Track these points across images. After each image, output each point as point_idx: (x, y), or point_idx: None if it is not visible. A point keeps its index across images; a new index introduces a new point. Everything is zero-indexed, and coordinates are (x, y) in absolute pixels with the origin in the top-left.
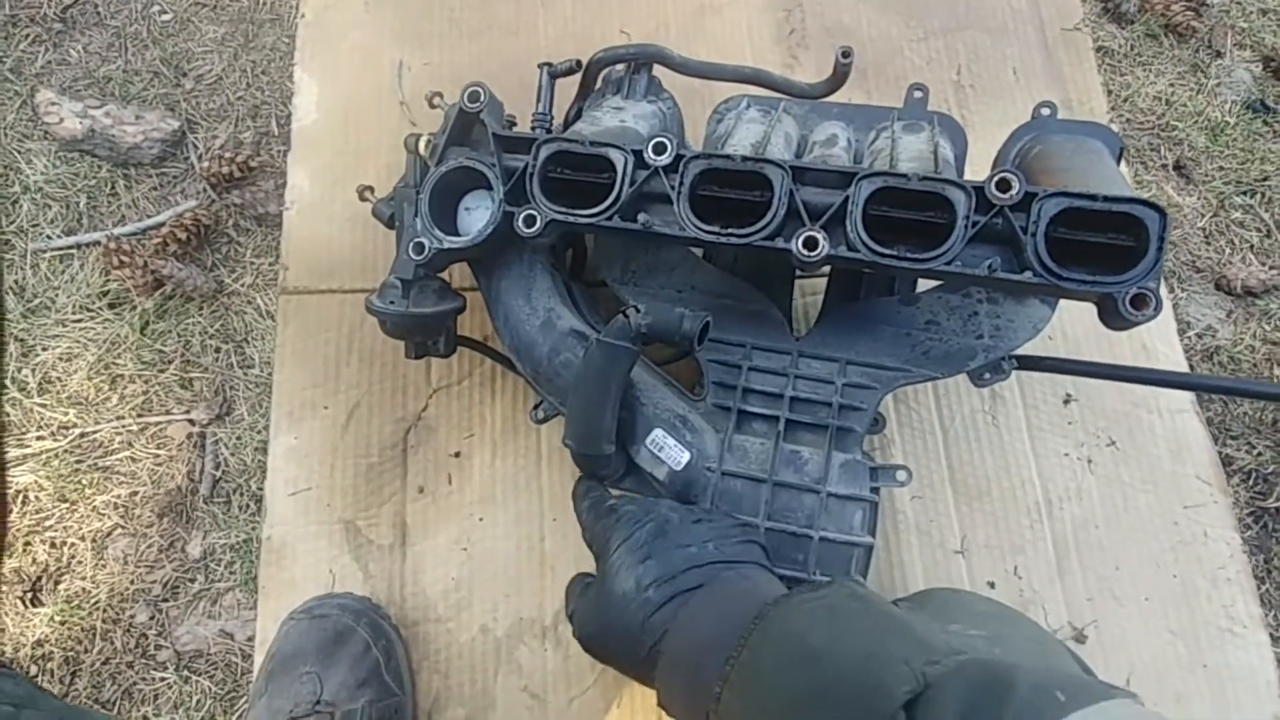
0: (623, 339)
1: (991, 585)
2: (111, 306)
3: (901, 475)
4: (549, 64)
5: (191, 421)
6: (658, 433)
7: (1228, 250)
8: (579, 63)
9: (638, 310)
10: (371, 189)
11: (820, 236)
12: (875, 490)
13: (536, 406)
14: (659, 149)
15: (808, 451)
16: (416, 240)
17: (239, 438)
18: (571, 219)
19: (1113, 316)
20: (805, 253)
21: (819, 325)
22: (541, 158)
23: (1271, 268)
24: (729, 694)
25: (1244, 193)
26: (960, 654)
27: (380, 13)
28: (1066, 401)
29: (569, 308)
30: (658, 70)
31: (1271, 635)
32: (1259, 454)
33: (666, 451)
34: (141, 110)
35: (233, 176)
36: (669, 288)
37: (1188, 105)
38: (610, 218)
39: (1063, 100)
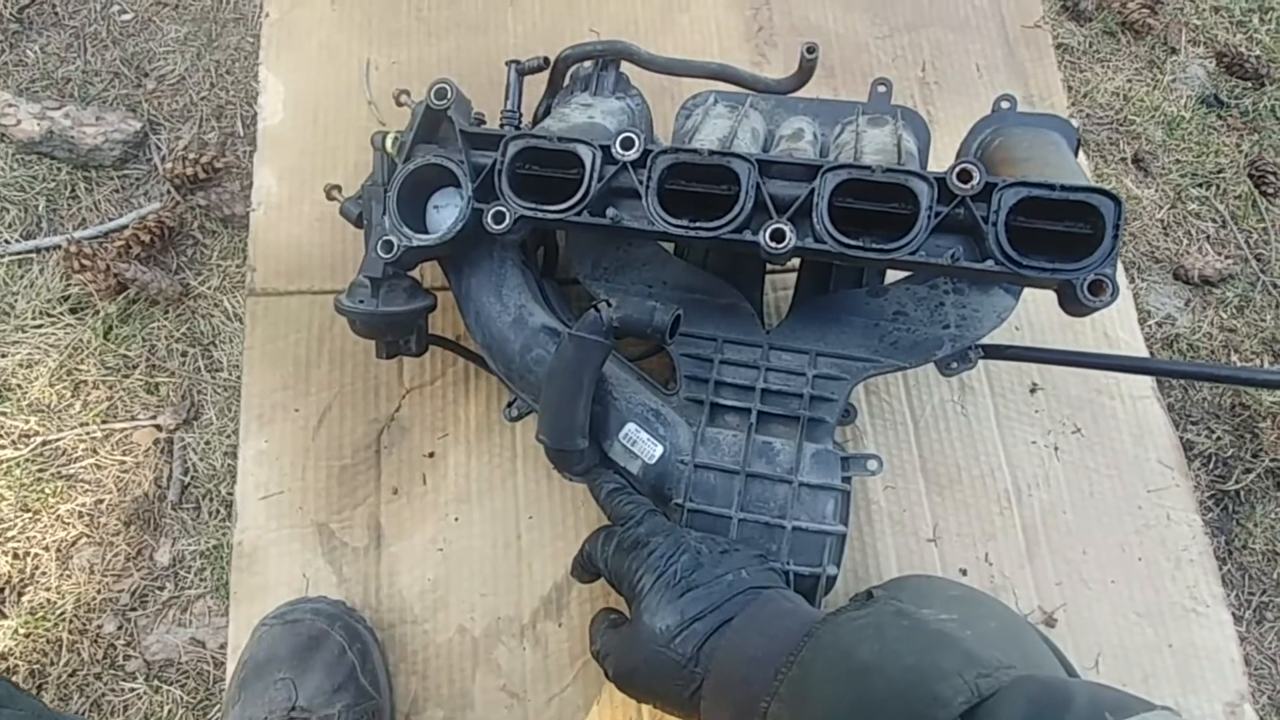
0: (595, 333)
1: (964, 572)
2: (73, 311)
3: (873, 464)
4: (517, 61)
5: (158, 427)
6: (630, 427)
7: (1185, 241)
8: (547, 60)
9: (609, 304)
10: (339, 188)
11: (787, 229)
12: (847, 479)
13: (509, 404)
14: (626, 144)
15: (779, 443)
16: (385, 238)
17: (207, 442)
18: (540, 215)
19: (1072, 303)
20: (773, 245)
21: (789, 318)
22: (510, 154)
23: (1227, 257)
24: (777, 708)
25: (1200, 185)
26: (1008, 668)
27: (347, 11)
28: (1033, 390)
29: (540, 305)
30: (626, 67)
31: (1234, 614)
32: (1218, 438)
33: (640, 445)
34: (102, 111)
35: (197, 178)
36: (640, 283)
37: (1145, 100)
38: (579, 213)
39: (1024, 96)
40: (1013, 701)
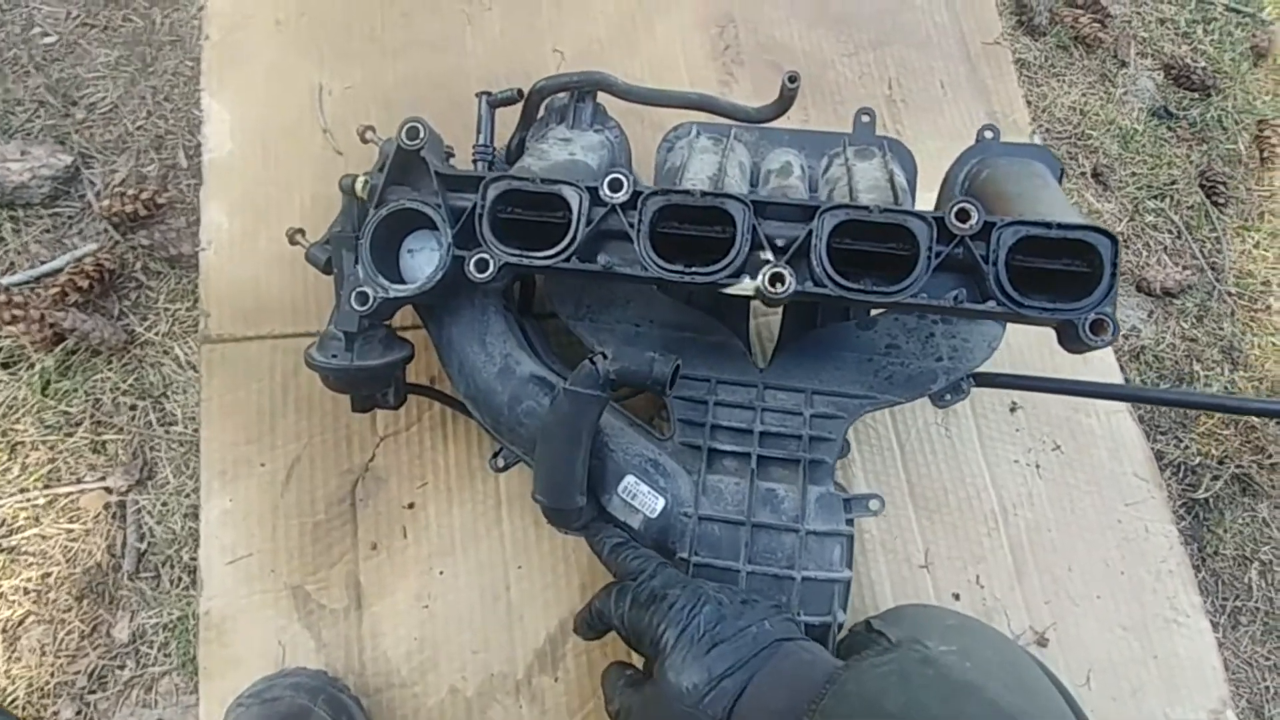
0: (591, 387)
1: (956, 597)
2: (5, 366)
3: (874, 504)
4: (488, 93)
5: (108, 489)
6: (630, 479)
7: (1144, 253)
8: (520, 92)
9: (605, 356)
10: (303, 232)
11: (786, 273)
12: (850, 522)
13: (495, 454)
14: (615, 186)
15: (782, 489)
16: (359, 289)
17: (164, 504)
18: (526, 262)
19: (1073, 341)
20: (772, 290)
21: (780, 354)
22: (490, 198)
23: (1185, 268)
24: None
25: (1155, 196)
26: (1031, 715)
27: (294, 32)
28: (1013, 409)
29: (526, 351)
30: (602, 94)
31: (1211, 621)
32: (1186, 447)
33: (640, 499)
34: (27, 145)
35: (138, 215)
36: (625, 322)
37: (1100, 114)
38: (568, 259)
39: (988, 113)
40: None
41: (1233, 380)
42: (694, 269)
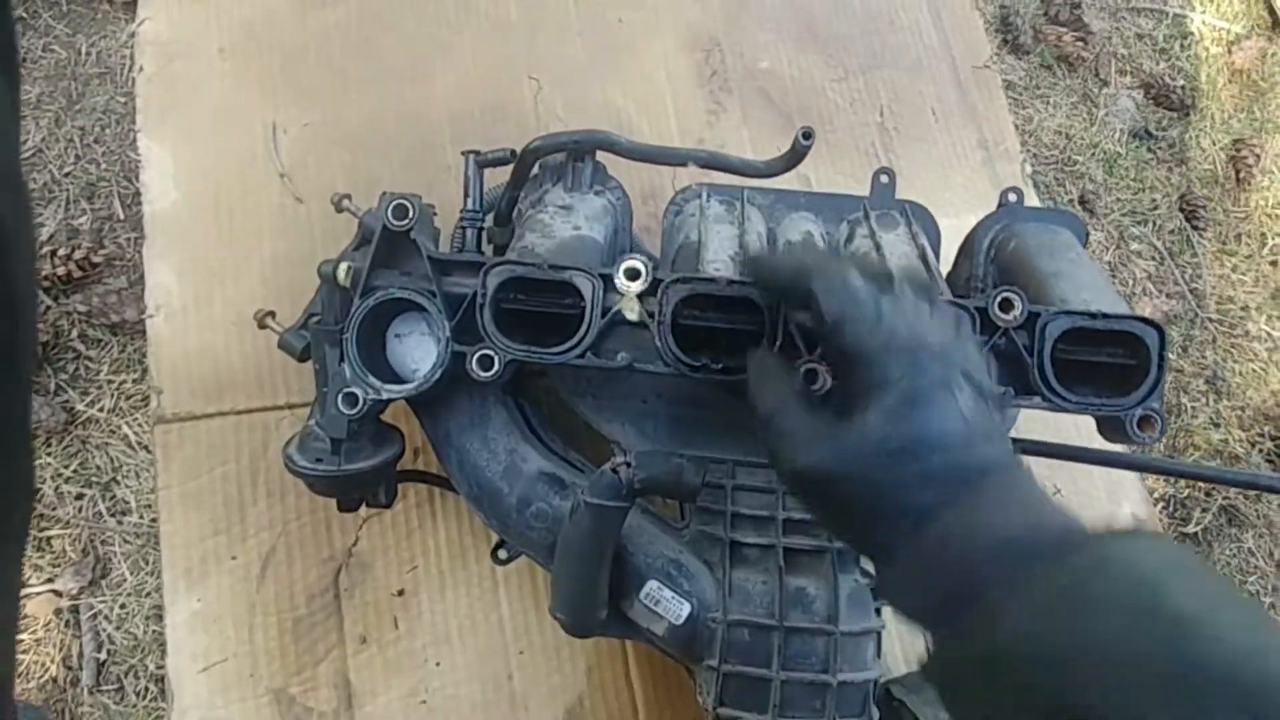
0: (613, 499)
1: None
2: None
3: None
4: (476, 151)
5: (57, 593)
6: (652, 584)
7: (1131, 283)
8: (513, 152)
9: (629, 464)
10: (273, 314)
11: (820, 369)
12: (878, 612)
13: (498, 546)
14: (632, 274)
15: (812, 587)
16: (347, 391)
17: (123, 605)
18: (536, 358)
19: (1117, 434)
20: (812, 389)
21: None
22: (492, 286)
23: (1169, 296)
24: (1019, 611)
25: (1139, 223)
26: None
27: (241, 62)
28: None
29: (532, 445)
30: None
31: None
32: (1175, 481)
33: (664, 605)
34: None
35: (71, 277)
36: (632, 398)
37: (1084, 137)
38: (582, 354)
39: (980, 140)
40: None
41: (1218, 411)
42: (720, 363)
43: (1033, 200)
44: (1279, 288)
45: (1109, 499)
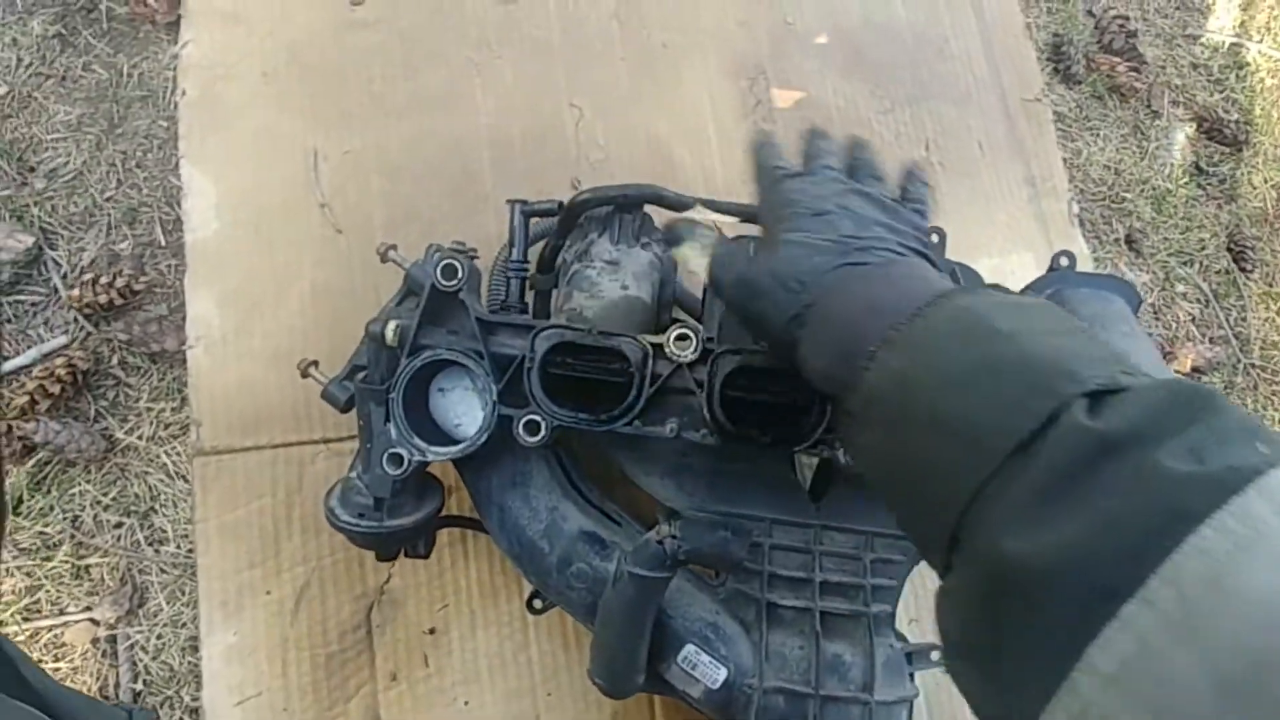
0: (657, 569)
1: None
2: None
3: (935, 655)
4: (523, 201)
5: (95, 621)
6: (690, 649)
7: (1174, 326)
8: (560, 205)
9: (674, 536)
10: (316, 363)
11: None
12: (912, 677)
13: (533, 596)
14: (683, 342)
15: (849, 653)
16: (393, 451)
17: (159, 636)
18: (585, 426)
19: None
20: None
21: (835, 490)
22: (541, 351)
23: (1212, 340)
24: (887, 354)
25: (1185, 263)
26: (1154, 377)
27: (283, 85)
28: None
29: (574, 502)
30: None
31: None
32: None
33: (701, 669)
34: None
35: (112, 304)
36: (672, 453)
37: (1134, 173)
38: (630, 423)
39: (1026, 177)
40: (1153, 394)
41: None
42: (769, 433)
43: (1078, 241)
44: None
45: None
